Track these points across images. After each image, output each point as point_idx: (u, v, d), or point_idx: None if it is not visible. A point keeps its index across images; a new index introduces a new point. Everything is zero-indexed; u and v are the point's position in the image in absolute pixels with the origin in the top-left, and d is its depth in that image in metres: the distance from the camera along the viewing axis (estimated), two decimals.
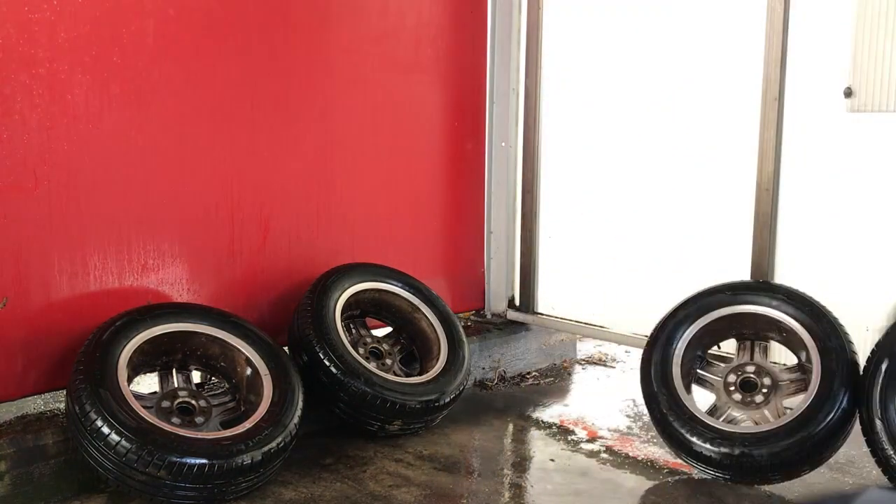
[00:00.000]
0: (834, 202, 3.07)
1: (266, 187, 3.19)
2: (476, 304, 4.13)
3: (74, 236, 2.71)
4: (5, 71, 2.51)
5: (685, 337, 2.97)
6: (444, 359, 3.26)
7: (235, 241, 3.13)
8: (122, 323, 2.67)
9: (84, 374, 2.47)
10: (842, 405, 2.65)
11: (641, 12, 3.55)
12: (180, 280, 3.00)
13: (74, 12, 2.62)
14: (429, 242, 3.85)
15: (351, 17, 3.37)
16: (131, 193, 2.84)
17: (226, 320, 2.87)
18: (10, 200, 2.56)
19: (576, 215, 3.88)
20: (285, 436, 2.61)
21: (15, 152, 2.56)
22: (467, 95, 3.86)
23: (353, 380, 2.96)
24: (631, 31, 3.58)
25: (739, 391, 2.92)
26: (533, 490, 2.80)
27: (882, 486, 2.69)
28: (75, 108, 2.66)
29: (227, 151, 3.07)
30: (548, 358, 4.19)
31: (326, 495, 2.70)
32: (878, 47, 2.90)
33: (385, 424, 3.05)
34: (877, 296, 2.99)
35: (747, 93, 3.21)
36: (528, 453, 3.11)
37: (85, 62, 2.67)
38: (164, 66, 2.85)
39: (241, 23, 3.03)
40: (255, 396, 2.73)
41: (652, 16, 3.52)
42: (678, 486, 2.81)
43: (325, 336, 3.01)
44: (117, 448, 2.35)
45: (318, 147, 3.33)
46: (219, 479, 2.44)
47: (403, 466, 2.92)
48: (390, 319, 3.45)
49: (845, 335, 2.79)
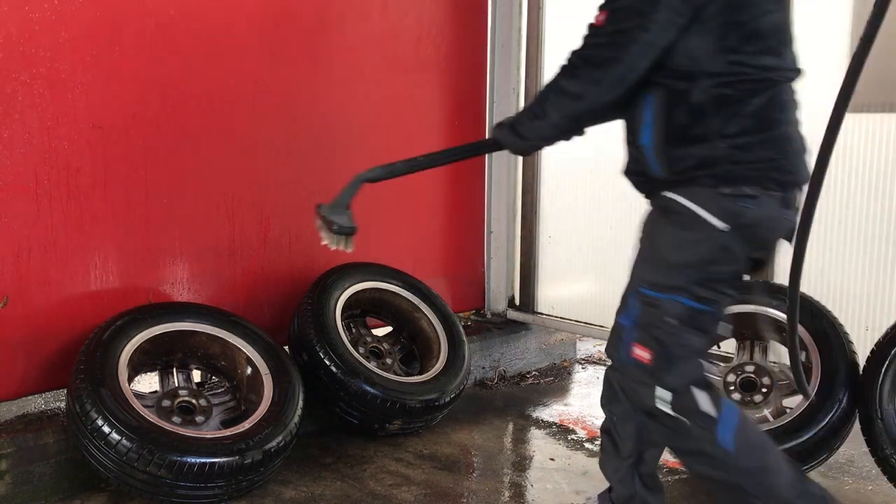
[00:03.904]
0: (834, 202, 3.07)
1: (266, 186, 3.19)
2: (476, 303, 4.13)
3: (75, 236, 2.71)
4: (5, 70, 2.52)
5: None
6: (445, 358, 3.26)
7: (236, 240, 3.13)
8: (123, 322, 2.67)
9: (85, 374, 2.48)
10: (842, 405, 2.65)
11: None
12: (180, 279, 3.00)
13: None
14: (429, 242, 3.86)
15: (351, 17, 3.37)
16: (131, 193, 2.84)
17: (226, 319, 2.88)
18: (10, 200, 2.57)
19: (576, 215, 3.88)
20: (286, 435, 2.61)
21: (15, 152, 2.56)
22: (467, 95, 3.86)
23: (354, 379, 2.96)
24: None
25: (739, 391, 2.92)
26: (533, 489, 2.80)
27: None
28: (76, 108, 2.66)
29: (227, 150, 3.07)
30: (548, 357, 4.20)
31: (327, 494, 2.70)
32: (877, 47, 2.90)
33: (385, 424, 3.05)
34: (877, 296, 2.99)
35: None
36: (528, 453, 3.12)
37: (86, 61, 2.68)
38: (164, 65, 2.86)
39: (241, 22, 3.03)
40: (256, 396, 2.74)
41: None
42: (678, 485, 2.82)
43: (326, 335, 3.02)
44: (118, 447, 2.35)
45: (318, 146, 3.33)
46: (219, 478, 2.44)
47: (404, 466, 2.93)
48: (390, 319, 3.45)
49: (845, 335, 2.79)
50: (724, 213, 1.85)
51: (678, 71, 1.87)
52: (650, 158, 1.95)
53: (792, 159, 1.92)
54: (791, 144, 1.92)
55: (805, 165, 1.96)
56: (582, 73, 1.94)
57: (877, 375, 2.58)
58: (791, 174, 1.91)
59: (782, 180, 1.90)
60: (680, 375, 1.92)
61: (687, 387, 1.92)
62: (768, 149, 1.87)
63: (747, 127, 1.85)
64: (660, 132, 1.91)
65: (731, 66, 1.84)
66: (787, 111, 1.93)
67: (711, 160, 1.86)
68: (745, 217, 1.86)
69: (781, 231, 1.97)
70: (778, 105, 1.89)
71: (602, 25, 1.90)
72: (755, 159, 1.86)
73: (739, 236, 1.87)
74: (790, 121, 1.93)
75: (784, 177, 1.90)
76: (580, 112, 1.99)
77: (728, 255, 1.88)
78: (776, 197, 1.89)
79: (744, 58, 1.84)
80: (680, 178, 1.91)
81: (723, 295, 1.93)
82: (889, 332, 2.63)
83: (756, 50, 1.85)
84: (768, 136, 1.87)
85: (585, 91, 1.94)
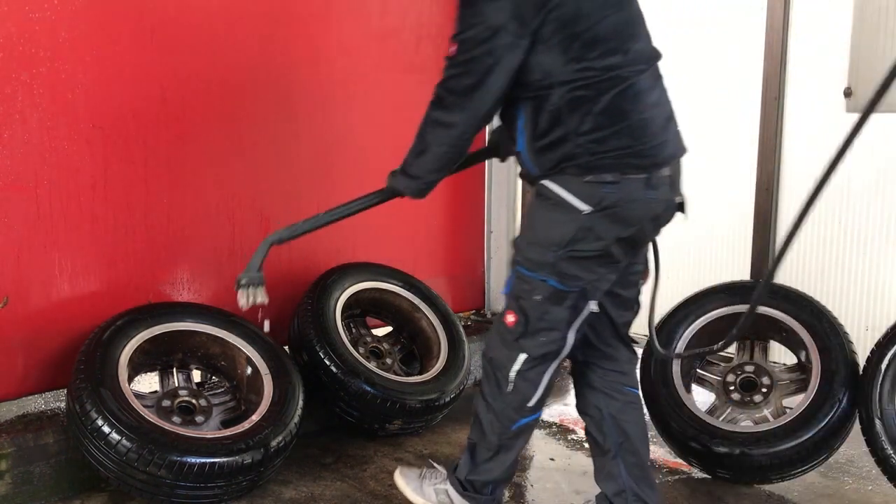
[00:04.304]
0: (834, 202, 3.07)
1: (266, 186, 3.19)
2: (476, 303, 4.13)
3: (75, 236, 2.71)
4: (5, 70, 2.52)
5: (685, 336, 2.97)
6: (445, 358, 3.26)
7: (236, 240, 3.13)
8: (123, 322, 2.67)
9: (85, 374, 2.47)
10: (842, 405, 2.65)
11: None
12: (180, 279, 3.00)
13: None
14: (429, 242, 3.85)
15: (351, 17, 3.37)
16: (131, 193, 2.84)
17: (226, 320, 2.88)
18: (10, 200, 2.57)
19: None
20: (285, 435, 2.61)
21: (15, 152, 2.56)
22: None
23: (354, 379, 2.96)
24: None
25: (739, 391, 2.93)
26: (533, 489, 2.80)
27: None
28: (76, 108, 2.67)
29: (227, 150, 3.07)
30: None
31: (327, 494, 2.70)
32: (877, 47, 2.91)
33: (385, 424, 3.05)
34: (877, 296, 2.99)
35: (747, 92, 3.21)
36: (528, 452, 3.11)
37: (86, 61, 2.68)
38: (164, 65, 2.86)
39: (241, 22, 3.03)
40: (256, 396, 2.74)
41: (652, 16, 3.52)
42: (678, 485, 2.82)
43: (326, 335, 3.02)
44: (118, 447, 2.35)
45: (318, 145, 3.33)
46: (219, 479, 2.44)
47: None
48: (390, 319, 3.45)
49: (845, 335, 2.79)
50: (586, 197, 2.06)
51: (537, 85, 2.07)
52: (526, 161, 2.17)
53: (650, 144, 2.08)
54: (648, 130, 2.09)
55: (669, 144, 2.14)
56: (448, 102, 2.14)
57: (877, 375, 2.58)
58: (650, 157, 2.08)
59: (642, 164, 2.07)
60: (538, 345, 2.18)
61: (541, 357, 2.19)
62: (623, 138, 2.05)
63: (600, 123, 2.04)
64: (530, 138, 2.13)
65: (579, 72, 2.03)
66: (641, 101, 2.08)
67: (573, 156, 2.06)
68: (606, 200, 2.05)
69: (648, 210, 2.12)
70: (630, 97, 2.06)
71: (455, 56, 2.11)
72: (611, 149, 2.04)
73: (602, 217, 2.07)
74: (646, 108, 2.09)
75: (643, 161, 2.08)
76: (457, 138, 2.18)
77: (591, 234, 2.08)
78: (639, 180, 2.07)
79: (589, 63, 2.03)
80: (551, 171, 2.12)
81: (591, 273, 2.12)
82: (889, 332, 2.63)
83: (599, 54, 2.04)
84: (622, 127, 2.05)
85: (455, 119, 2.14)
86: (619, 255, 2.13)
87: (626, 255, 2.16)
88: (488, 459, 2.31)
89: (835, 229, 3.06)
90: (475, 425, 2.33)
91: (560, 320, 2.16)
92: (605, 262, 2.12)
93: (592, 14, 2.04)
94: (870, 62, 2.93)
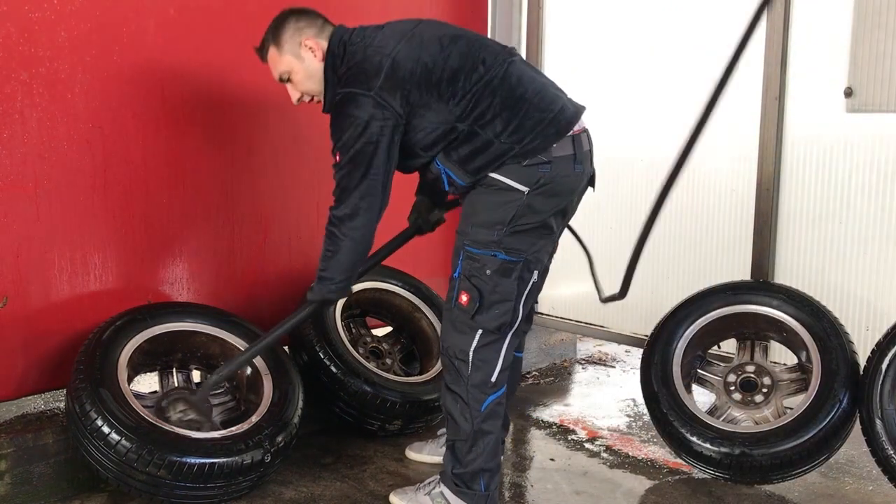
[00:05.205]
0: (834, 202, 3.07)
1: (266, 186, 3.19)
2: None
3: (74, 236, 2.71)
4: (6, 70, 2.51)
5: (685, 336, 2.97)
6: None
7: (235, 240, 3.13)
8: (123, 322, 2.67)
9: (84, 374, 2.47)
10: (842, 405, 2.65)
11: (642, 13, 3.55)
12: (180, 279, 3.00)
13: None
14: (429, 242, 3.85)
15: (351, 17, 3.37)
16: (131, 193, 2.84)
17: (226, 320, 2.88)
18: (10, 200, 2.57)
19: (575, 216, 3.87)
20: (285, 435, 2.61)
21: (15, 152, 2.56)
22: None
23: (353, 379, 2.96)
24: (631, 31, 3.59)
25: (739, 391, 2.92)
26: (533, 490, 2.80)
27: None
28: (75, 108, 2.67)
29: (227, 150, 3.07)
30: (548, 357, 4.19)
31: (326, 494, 2.70)
32: (877, 47, 2.90)
33: (385, 424, 3.05)
34: (877, 296, 2.99)
35: (748, 92, 3.21)
36: (528, 453, 3.11)
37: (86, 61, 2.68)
38: (164, 65, 2.86)
39: (241, 23, 3.03)
40: (256, 396, 2.74)
41: (652, 16, 3.52)
42: (678, 485, 2.81)
43: (325, 335, 3.02)
44: (117, 447, 2.35)
45: (318, 145, 3.32)
46: (219, 479, 2.44)
47: (403, 466, 2.92)
48: (390, 319, 3.45)
49: (845, 335, 2.79)
50: (525, 180, 2.28)
51: (438, 139, 2.33)
52: (460, 186, 2.38)
53: (555, 109, 2.32)
54: (546, 98, 2.33)
55: (569, 104, 2.37)
56: (345, 198, 2.34)
57: (877, 375, 2.58)
58: (563, 120, 2.32)
59: (559, 129, 2.30)
60: (492, 318, 2.34)
61: (497, 329, 2.35)
62: (533, 113, 2.29)
63: (506, 119, 2.28)
64: (460, 171, 2.34)
65: (463, 101, 2.29)
66: (524, 81, 2.33)
67: (502, 153, 2.29)
68: (542, 179, 2.29)
69: (577, 183, 2.38)
70: (514, 83, 2.31)
71: (340, 160, 2.33)
72: (530, 129, 2.28)
73: (538, 194, 2.29)
74: (532, 82, 2.34)
75: (559, 126, 2.30)
76: (365, 225, 2.37)
77: (531, 209, 2.30)
78: (568, 157, 2.31)
79: (462, 93, 2.29)
80: (488, 172, 2.32)
81: (532, 245, 2.33)
82: (889, 333, 2.63)
83: (464, 84, 2.30)
84: (527, 107, 2.29)
85: (357, 210, 2.34)
86: (556, 226, 2.37)
87: (559, 227, 2.41)
88: (468, 451, 2.40)
89: (835, 229, 3.06)
90: (449, 422, 2.44)
91: (510, 291, 2.33)
92: (543, 234, 2.35)
93: (437, 60, 2.30)
94: (870, 62, 2.93)
